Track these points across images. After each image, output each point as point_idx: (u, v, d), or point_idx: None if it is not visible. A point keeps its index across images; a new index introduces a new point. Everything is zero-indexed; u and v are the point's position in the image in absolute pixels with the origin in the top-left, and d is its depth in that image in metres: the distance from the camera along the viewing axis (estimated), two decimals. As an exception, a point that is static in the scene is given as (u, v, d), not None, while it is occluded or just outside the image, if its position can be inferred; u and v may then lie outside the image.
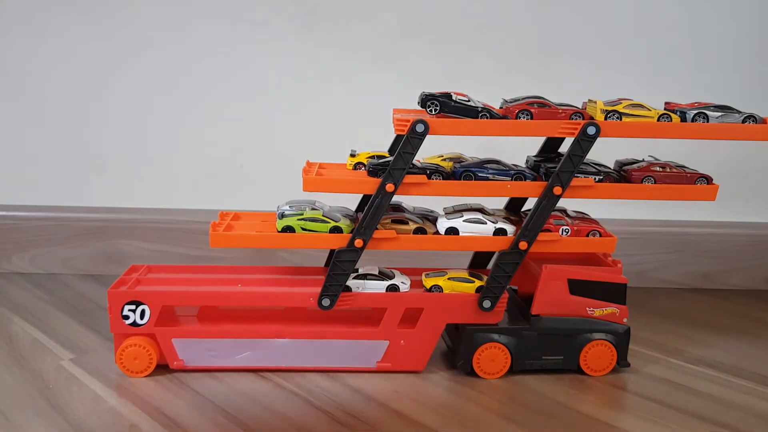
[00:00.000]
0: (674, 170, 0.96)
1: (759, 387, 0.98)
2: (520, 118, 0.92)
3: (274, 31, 1.32)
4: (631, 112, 0.92)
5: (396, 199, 0.95)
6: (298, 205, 0.98)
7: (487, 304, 0.95)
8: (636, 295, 1.20)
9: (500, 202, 1.07)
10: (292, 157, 1.11)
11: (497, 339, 0.96)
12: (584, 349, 0.97)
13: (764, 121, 0.93)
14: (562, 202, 0.95)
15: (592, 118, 0.92)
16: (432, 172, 0.94)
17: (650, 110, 0.92)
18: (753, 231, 1.39)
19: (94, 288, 1.29)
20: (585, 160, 0.93)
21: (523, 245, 0.94)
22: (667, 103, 0.99)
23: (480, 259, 1.07)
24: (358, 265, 0.95)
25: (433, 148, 0.97)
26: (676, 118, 0.92)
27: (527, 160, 1.04)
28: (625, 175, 0.98)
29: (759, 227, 1.39)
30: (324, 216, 0.95)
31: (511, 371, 0.97)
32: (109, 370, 0.96)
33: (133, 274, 1.03)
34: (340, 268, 0.94)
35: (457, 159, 1.00)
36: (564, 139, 1.02)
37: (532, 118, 0.92)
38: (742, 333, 1.18)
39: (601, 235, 0.98)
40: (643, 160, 1.00)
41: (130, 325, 0.95)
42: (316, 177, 0.95)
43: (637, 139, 0.93)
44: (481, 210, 1.00)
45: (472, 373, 0.97)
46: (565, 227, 0.97)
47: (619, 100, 0.93)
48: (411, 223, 0.96)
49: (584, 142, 0.91)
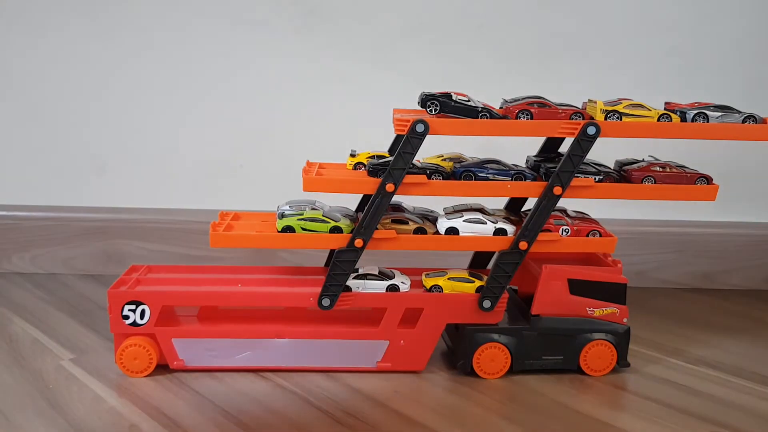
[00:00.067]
0: (674, 170, 0.96)
1: (759, 387, 0.98)
2: (520, 118, 0.92)
3: (274, 31, 1.32)
4: (631, 112, 0.92)
5: (396, 199, 0.95)
6: (298, 205, 0.98)
7: (487, 304, 0.95)
8: (636, 295, 1.20)
9: (500, 202, 1.07)
10: (292, 157, 1.11)
11: (497, 339, 0.96)
12: (584, 349, 0.97)
13: (764, 121, 0.93)
14: (562, 202, 0.95)
15: (592, 118, 0.92)
16: (432, 172, 0.94)
17: (650, 110, 0.92)
18: (753, 231, 1.38)
19: (94, 288, 1.29)
20: (585, 160, 0.93)
21: (523, 245, 0.94)
22: (667, 103, 0.99)
23: (480, 259, 1.07)
24: (358, 265, 0.95)
25: (433, 148, 0.97)
26: (676, 118, 0.92)
27: (527, 160, 1.04)
28: (625, 175, 0.98)
29: (759, 227, 1.39)
30: (324, 216, 0.95)
31: (511, 371, 0.97)
32: (109, 370, 0.96)
33: (133, 274, 1.03)
34: (340, 268, 0.94)
35: (457, 159, 1.00)
36: (564, 139, 1.02)
37: (532, 118, 0.92)
38: (742, 333, 1.18)
39: (601, 235, 0.97)
40: (643, 160, 1.00)
41: (130, 325, 0.95)
42: (316, 177, 0.95)
43: (637, 139, 0.93)
44: (481, 210, 1.00)
45: (472, 373, 0.97)
46: (565, 227, 0.97)
47: (619, 100, 0.93)
48: (411, 223, 0.96)
49: (584, 142, 0.91)
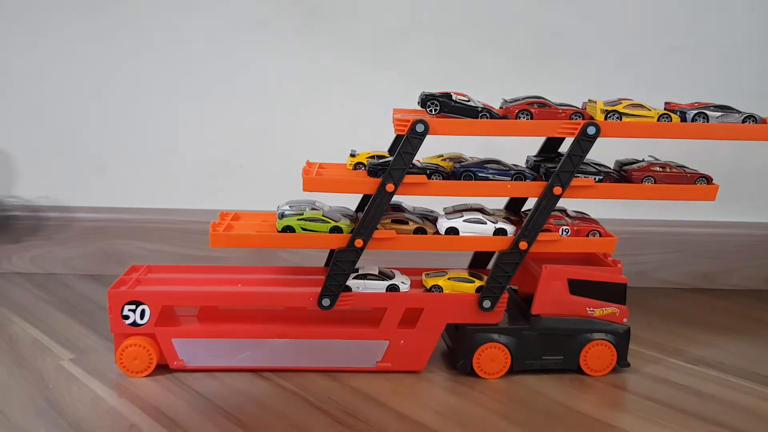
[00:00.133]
0: (674, 170, 0.96)
1: (759, 387, 0.98)
2: (520, 118, 0.92)
3: (274, 31, 1.32)
4: (631, 112, 0.92)
5: (396, 199, 0.95)
6: (298, 205, 0.98)
7: (487, 304, 0.95)
8: (636, 295, 1.20)
9: (500, 202, 1.07)
10: (292, 157, 1.11)
11: (497, 339, 0.96)
12: (584, 349, 0.97)
13: (764, 121, 0.93)
14: (562, 202, 0.95)
15: (592, 118, 0.92)
16: (432, 172, 0.93)
17: (650, 110, 0.92)
18: (753, 231, 1.38)
19: (94, 288, 1.29)
20: (585, 160, 0.93)
21: (523, 245, 0.94)
22: (667, 103, 0.99)
23: (480, 259, 1.07)
24: (358, 265, 0.95)
25: (433, 148, 0.97)
26: (676, 118, 0.92)
27: (527, 160, 1.04)
28: (625, 175, 0.98)
29: (759, 227, 1.39)
30: (324, 216, 0.95)
31: (511, 371, 0.97)
32: (109, 370, 0.96)
33: (133, 274, 1.03)
34: (340, 268, 0.94)
35: (457, 159, 1.00)
36: (564, 139, 1.02)
37: (532, 118, 0.92)
38: (742, 333, 1.18)
39: (601, 235, 0.97)
40: (643, 160, 1.00)
41: (130, 325, 0.95)
42: (316, 177, 0.95)
43: (637, 139, 0.93)
44: (481, 210, 1.00)
45: (472, 373, 0.97)
46: (565, 227, 0.97)
47: (619, 100, 0.93)
48: (411, 223, 0.96)
49: (584, 142, 0.91)
